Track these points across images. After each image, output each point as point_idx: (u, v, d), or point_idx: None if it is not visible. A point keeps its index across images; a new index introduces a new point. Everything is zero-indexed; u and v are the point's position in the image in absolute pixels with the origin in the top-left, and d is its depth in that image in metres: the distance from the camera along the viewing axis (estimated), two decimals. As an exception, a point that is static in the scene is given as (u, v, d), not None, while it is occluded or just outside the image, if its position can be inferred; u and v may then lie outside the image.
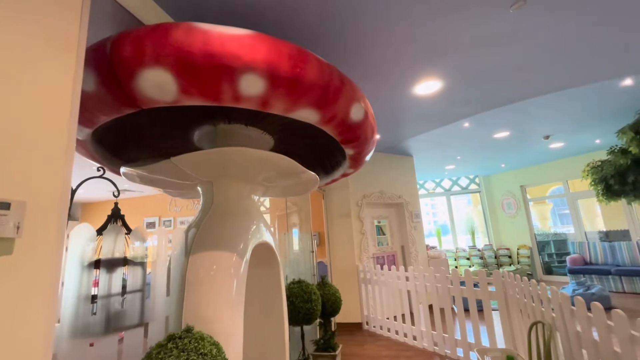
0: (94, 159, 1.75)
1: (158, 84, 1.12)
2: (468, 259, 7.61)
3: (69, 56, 0.93)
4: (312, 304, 2.66)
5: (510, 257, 7.44)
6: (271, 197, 2.83)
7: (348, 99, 1.45)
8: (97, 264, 1.37)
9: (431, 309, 3.52)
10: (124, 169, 1.73)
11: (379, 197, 5.05)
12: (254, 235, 1.70)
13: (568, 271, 6.06)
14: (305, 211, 3.91)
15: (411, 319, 3.69)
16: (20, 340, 0.74)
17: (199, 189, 1.85)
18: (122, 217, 1.71)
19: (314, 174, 1.84)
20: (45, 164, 0.84)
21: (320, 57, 1.36)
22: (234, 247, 1.56)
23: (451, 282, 3.21)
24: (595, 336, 1.72)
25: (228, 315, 1.43)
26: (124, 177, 1.82)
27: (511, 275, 2.74)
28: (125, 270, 1.47)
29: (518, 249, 7.36)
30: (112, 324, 1.38)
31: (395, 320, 3.82)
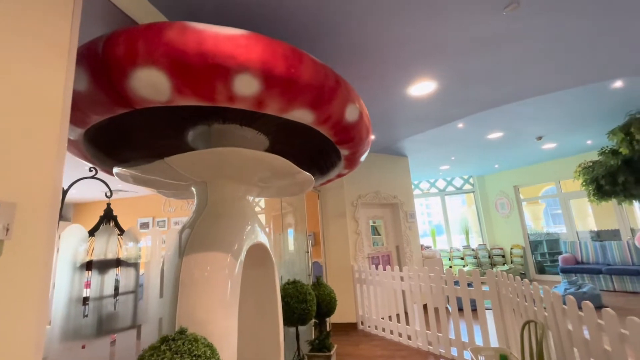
0: (86, 159, 1.72)
1: (151, 84, 1.11)
2: (462, 259, 7.67)
3: (60, 55, 0.91)
4: (307, 305, 2.65)
5: (503, 256, 7.51)
6: (266, 197, 2.83)
7: (343, 100, 1.45)
8: (89, 266, 1.35)
9: (425, 308, 3.54)
10: (116, 169, 1.71)
11: (374, 198, 5.07)
12: (248, 235, 1.69)
13: (560, 270, 6.14)
14: (300, 211, 3.91)
15: (406, 318, 3.71)
16: (10, 343, 0.73)
17: (193, 189, 1.83)
18: (115, 218, 1.69)
19: (309, 174, 1.84)
20: (35, 164, 0.82)
21: (315, 57, 1.36)
22: (229, 248, 1.55)
23: (445, 282, 3.24)
24: (586, 335, 1.75)
25: (222, 316, 1.42)
26: (116, 178, 1.80)
27: (504, 275, 2.76)
28: (118, 271, 1.46)
29: (511, 248, 7.44)
30: (104, 326, 1.37)
31: (390, 320, 3.83)
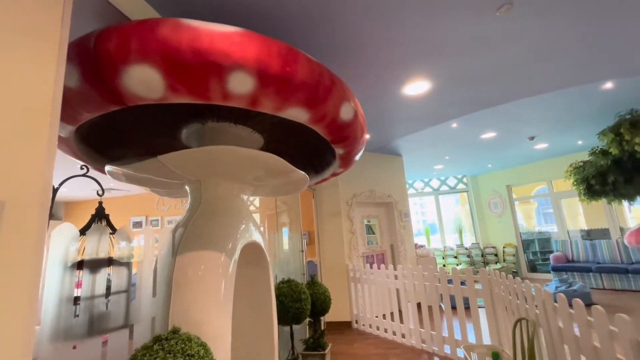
0: (77, 156, 1.70)
1: (144, 81, 1.10)
2: (456, 257, 7.74)
3: (50, 50, 0.90)
4: (302, 303, 2.65)
5: (496, 255, 7.60)
6: (261, 196, 2.81)
7: (338, 99, 1.45)
8: (80, 265, 1.33)
9: (419, 307, 3.57)
10: (108, 167, 1.69)
11: (369, 197, 5.08)
12: (242, 234, 1.69)
13: (551, 269, 6.23)
14: (295, 210, 3.90)
15: (400, 317, 3.73)
16: (-2, 344, 0.71)
17: (186, 187, 1.82)
18: (107, 217, 1.67)
19: (303, 173, 1.83)
20: (25, 161, 0.81)
21: (310, 56, 1.36)
22: (223, 247, 1.54)
23: (439, 281, 3.26)
24: (576, 332, 1.78)
25: (216, 315, 1.41)
26: (108, 176, 1.78)
27: (497, 273, 2.80)
28: (110, 270, 1.44)
29: (504, 247, 7.53)
30: (96, 326, 1.35)
31: (384, 318, 3.85)
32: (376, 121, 3.74)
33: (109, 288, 1.42)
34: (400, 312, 3.73)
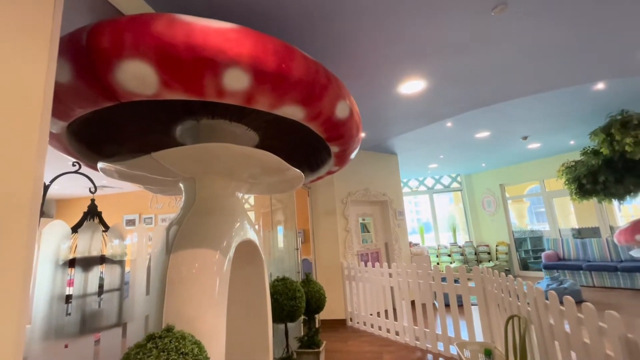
0: (69, 153, 1.67)
1: (138, 77, 1.08)
2: (449, 256, 7.81)
3: (41, 45, 0.88)
4: (296, 301, 2.66)
5: (489, 253, 7.68)
6: (256, 194, 2.80)
7: (334, 96, 1.45)
8: (72, 263, 1.32)
9: (413, 304, 3.59)
10: (101, 164, 1.67)
11: (364, 195, 5.10)
12: (237, 232, 1.68)
13: (543, 267, 6.32)
14: (290, 208, 3.90)
15: (394, 314, 3.76)
16: (-13, 343, 0.70)
17: (181, 185, 1.80)
18: (99, 214, 1.65)
19: (299, 171, 1.83)
20: (15, 158, 0.79)
21: (306, 54, 1.36)
22: (217, 245, 1.53)
23: (433, 278, 3.29)
24: (567, 328, 1.80)
25: (210, 313, 1.41)
26: (101, 173, 1.75)
27: (490, 271, 2.83)
28: (102, 269, 1.43)
29: (497, 245, 7.61)
30: (88, 324, 1.34)
31: (378, 316, 3.87)
32: (371, 119, 3.74)
33: (101, 286, 1.41)
34: (395, 309, 3.76)
